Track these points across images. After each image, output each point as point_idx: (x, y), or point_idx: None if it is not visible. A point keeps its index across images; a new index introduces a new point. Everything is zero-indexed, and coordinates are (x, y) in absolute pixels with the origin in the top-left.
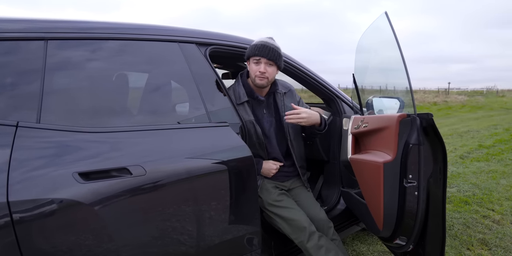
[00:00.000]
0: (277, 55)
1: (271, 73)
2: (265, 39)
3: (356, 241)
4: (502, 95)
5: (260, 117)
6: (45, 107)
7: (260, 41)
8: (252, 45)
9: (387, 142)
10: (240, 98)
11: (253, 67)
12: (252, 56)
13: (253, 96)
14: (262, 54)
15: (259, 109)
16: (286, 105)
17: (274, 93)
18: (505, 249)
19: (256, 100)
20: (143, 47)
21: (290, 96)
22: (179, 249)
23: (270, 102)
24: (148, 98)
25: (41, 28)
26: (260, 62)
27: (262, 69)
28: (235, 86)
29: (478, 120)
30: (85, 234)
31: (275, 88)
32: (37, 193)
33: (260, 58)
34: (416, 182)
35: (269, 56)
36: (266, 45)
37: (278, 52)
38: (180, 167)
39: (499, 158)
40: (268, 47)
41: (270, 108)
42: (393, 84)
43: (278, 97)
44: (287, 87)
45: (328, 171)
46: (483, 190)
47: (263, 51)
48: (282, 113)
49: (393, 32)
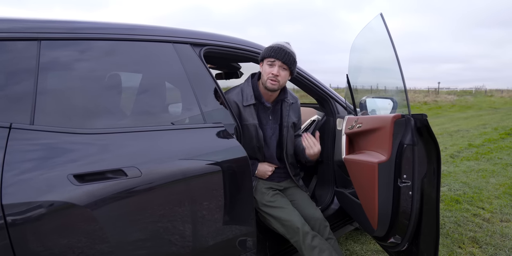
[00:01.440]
0: (292, 60)
1: (283, 77)
2: (283, 42)
3: (350, 240)
4: (490, 95)
5: (264, 122)
6: (38, 108)
7: (277, 44)
8: (268, 47)
9: (382, 143)
10: (248, 100)
11: (266, 69)
12: (267, 58)
13: (260, 101)
14: (278, 57)
15: (264, 115)
16: (290, 117)
17: (282, 101)
18: (495, 246)
19: (263, 105)
20: (138, 47)
21: (295, 108)
22: (176, 250)
23: (277, 108)
24: (143, 99)
25: (34, 28)
26: (275, 64)
27: (275, 72)
28: (244, 86)
29: (467, 120)
30: (81, 237)
31: (284, 96)
32: (31, 196)
33: (275, 60)
34: (410, 182)
35: (284, 59)
36: (283, 48)
37: (294, 58)
38: (175, 168)
39: (488, 157)
40: (285, 51)
41: (276, 115)
42: (386, 85)
43: (284, 106)
44: (294, 98)
45: (321, 171)
46: (473, 189)
47: (279, 53)
48: (285, 123)
49: (388, 34)
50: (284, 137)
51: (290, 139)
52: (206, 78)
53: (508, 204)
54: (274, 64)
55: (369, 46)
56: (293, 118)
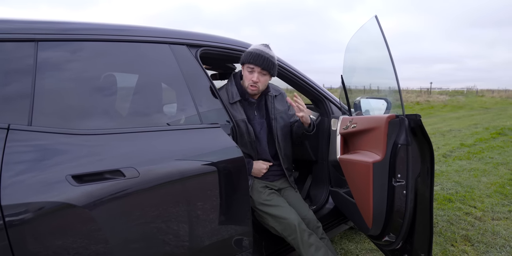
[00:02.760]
0: (271, 65)
1: (263, 82)
2: (261, 47)
3: (344, 239)
4: (481, 95)
5: (251, 118)
6: (36, 109)
7: (255, 49)
8: (247, 52)
9: (376, 142)
10: (233, 98)
11: (246, 75)
12: (246, 63)
13: (245, 97)
14: (257, 63)
15: (250, 110)
16: (276, 108)
17: (266, 95)
18: (487, 244)
19: (248, 102)
20: (135, 48)
21: (281, 99)
22: (173, 249)
23: (262, 104)
24: (141, 100)
25: (32, 29)
26: (254, 71)
27: (255, 79)
28: (228, 85)
29: (459, 120)
30: (79, 237)
31: (267, 90)
32: (30, 197)
33: (254, 66)
34: (404, 181)
35: (263, 65)
36: (261, 54)
37: (273, 62)
38: (173, 169)
39: (479, 156)
40: (263, 57)
41: (261, 110)
42: (381, 85)
43: (269, 100)
44: (278, 90)
45: (316, 171)
46: (465, 188)
47: (257, 60)
48: (272, 115)
49: (382, 36)
50: (274, 129)
51: (280, 130)
52: (203, 79)
53: (499, 202)
54: (253, 71)
55: (364, 47)
56: (280, 108)
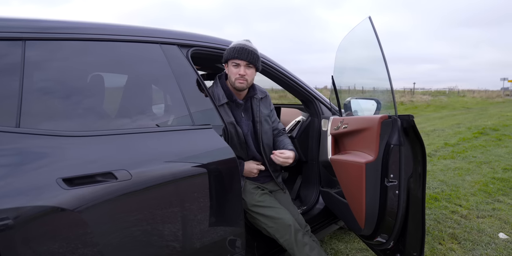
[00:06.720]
0: (255, 58)
1: (250, 75)
2: (243, 42)
3: (334, 239)
4: (463, 95)
5: (238, 119)
6: (24, 111)
7: (238, 44)
8: (230, 48)
9: (369, 143)
10: (220, 100)
11: (232, 70)
12: (231, 59)
13: (232, 99)
14: (242, 57)
15: (237, 112)
16: (261, 111)
17: (252, 97)
18: (473, 242)
19: (235, 103)
20: (125, 48)
21: (265, 102)
22: (165, 251)
23: (248, 106)
24: (132, 101)
25: (19, 27)
26: (240, 65)
27: (241, 72)
28: (213, 88)
29: (442, 119)
30: (71, 241)
31: (254, 92)
32: (19, 201)
33: (239, 61)
34: (397, 181)
35: (248, 58)
36: (245, 48)
37: (257, 55)
38: (165, 171)
39: (463, 155)
40: (247, 50)
41: (248, 111)
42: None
43: (254, 102)
44: (263, 92)
45: (306, 172)
46: (450, 187)
47: (242, 54)
48: (257, 118)
49: (376, 37)
50: (258, 131)
51: (265, 133)
52: (194, 80)
53: (483, 200)
54: (239, 65)
55: (356, 48)
56: (265, 112)
